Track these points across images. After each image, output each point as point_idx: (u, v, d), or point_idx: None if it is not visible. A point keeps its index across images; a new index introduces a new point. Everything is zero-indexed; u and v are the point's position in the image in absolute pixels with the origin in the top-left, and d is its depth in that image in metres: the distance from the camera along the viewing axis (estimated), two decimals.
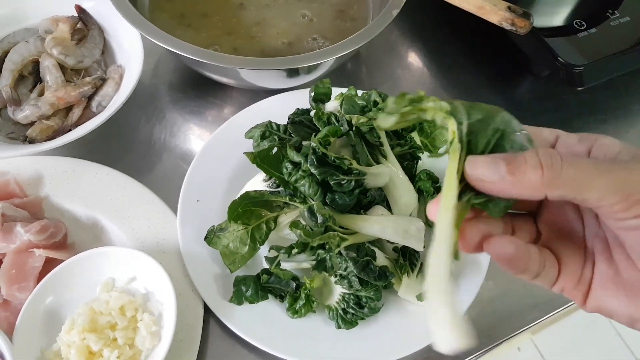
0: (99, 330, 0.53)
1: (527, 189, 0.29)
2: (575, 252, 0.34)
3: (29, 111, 0.66)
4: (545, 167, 0.28)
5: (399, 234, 0.54)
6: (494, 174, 0.29)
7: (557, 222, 0.35)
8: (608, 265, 0.32)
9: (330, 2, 0.78)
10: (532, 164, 0.29)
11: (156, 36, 0.62)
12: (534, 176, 0.28)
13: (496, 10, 0.62)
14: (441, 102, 0.32)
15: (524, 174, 0.29)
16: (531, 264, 0.32)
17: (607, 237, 0.33)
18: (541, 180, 0.28)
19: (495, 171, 0.29)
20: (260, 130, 0.62)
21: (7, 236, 0.57)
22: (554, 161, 0.28)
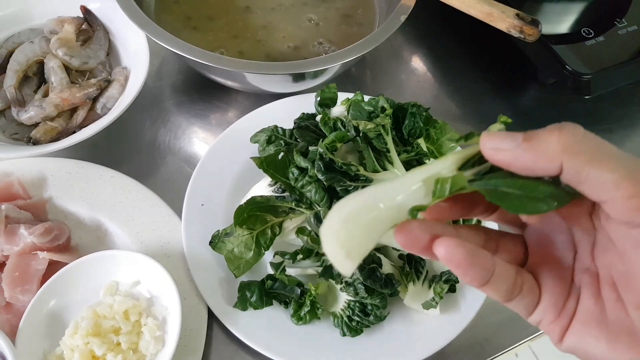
0: (103, 335, 0.52)
1: (542, 156, 0.26)
2: (561, 282, 0.31)
3: (33, 112, 0.65)
4: (564, 131, 0.26)
5: None
6: (509, 142, 0.27)
7: (546, 246, 0.33)
8: (594, 302, 0.30)
9: (336, 7, 0.78)
10: (551, 128, 0.27)
11: (162, 38, 0.62)
12: (551, 139, 0.26)
13: (504, 18, 0.62)
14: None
15: (540, 139, 0.27)
16: (498, 279, 0.29)
17: (600, 272, 0.30)
18: (557, 144, 0.26)
19: (511, 139, 0.27)
20: (266, 134, 0.62)
21: (11, 238, 0.57)
22: (575, 128, 0.27)
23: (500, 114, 0.31)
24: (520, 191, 0.27)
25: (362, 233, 0.27)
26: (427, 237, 0.29)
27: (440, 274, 0.56)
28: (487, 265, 0.28)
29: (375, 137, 0.58)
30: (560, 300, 0.31)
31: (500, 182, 0.28)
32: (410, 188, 0.29)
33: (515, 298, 0.30)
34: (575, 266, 0.31)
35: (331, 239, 0.27)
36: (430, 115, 0.62)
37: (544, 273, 0.31)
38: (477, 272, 0.28)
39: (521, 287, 0.30)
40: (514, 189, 0.27)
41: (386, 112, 0.58)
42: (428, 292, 0.56)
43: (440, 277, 0.56)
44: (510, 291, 0.30)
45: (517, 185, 0.28)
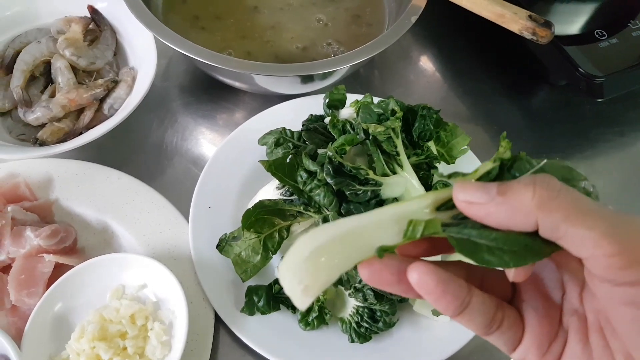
0: (109, 339, 0.52)
1: (517, 212, 0.25)
2: (547, 321, 0.30)
3: (40, 113, 0.65)
4: (539, 186, 0.25)
5: None
6: (482, 195, 0.26)
7: (534, 282, 0.31)
8: (582, 349, 0.29)
9: (345, 7, 0.77)
10: (525, 182, 0.26)
11: (170, 39, 0.61)
12: (525, 194, 0.25)
13: (517, 19, 0.61)
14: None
15: (514, 193, 0.26)
16: (474, 311, 0.28)
17: (587, 317, 0.29)
18: (532, 200, 0.25)
19: (484, 192, 0.26)
20: (274, 136, 0.61)
21: (17, 240, 0.57)
22: (551, 182, 0.26)
23: (504, 134, 0.29)
24: (493, 243, 0.26)
25: (324, 269, 0.27)
26: (393, 275, 0.28)
27: None
28: (461, 295, 0.27)
29: (385, 140, 0.57)
30: (545, 341, 0.29)
31: (474, 231, 0.27)
32: (381, 226, 0.28)
33: (493, 333, 0.29)
34: (563, 306, 0.30)
35: (290, 272, 0.26)
36: (440, 118, 0.61)
37: (530, 310, 0.30)
38: (450, 300, 0.27)
39: (501, 321, 0.29)
40: (487, 240, 0.26)
41: (397, 115, 0.57)
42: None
43: None
44: (488, 325, 0.29)
45: (491, 236, 0.26)
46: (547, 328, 0.29)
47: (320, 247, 0.27)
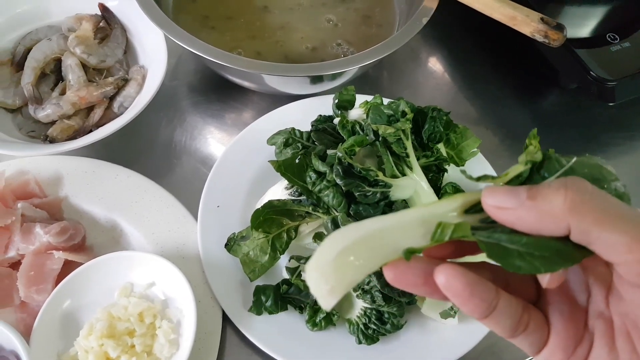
0: (117, 337, 0.52)
1: (548, 217, 0.25)
2: (573, 324, 0.29)
3: (50, 110, 0.65)
4: (571, 189, 0.25)
5: None
6: (512, 200, 0.26)
7: (559, 286, 0.30)
8: (608, 353, 0.28)
9: (355, 7, 0.77)
10: (556, 186, 0.25)
11: (180, 38, 0.61)
12: (556, 198, 0.25)
13: (529, 22, 0.60)
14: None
15: (545, 197, 0.25)
16: (501, 313, 0.27)
17: (614, 320, 0.28)
18: (564, 204, 0.25)
19: (514, 196, 0.26)
20: (283, 137, 0.61)
21: (27, 237, 0.57)
22: (582, 185, 0.25)
23: (534, 130, 0.29)
24: (524, 248, 0.26)
25: (351, 270, 0.26)
26: (419, 277, 0.28)
27: None
28: (489, 297, 0.27)
29: (395, 141, 0.57)
30: (570, 344, 0.29)
31: (504, 235, 0.26)
32: (408, 228, 0.27)
33: (519, 335, 0.29)
34: (589, 309, 0.30)
35: (317, 272, 0.26)
36: (450, 120, 0.61)
37: (555, 313, 0.30)
38: (477, 304, 0.27)
39: (527, 324, 0.29)
40: (518, 245, 0.26)
41: (407, 117, 0.57)
42: (446, 302, 0.54)
43: None
44: (514, 327, 0.28)
45: (521, 241, 0.26)
46: (573, 331, 0.29)
47: (348, 247, 0.26)
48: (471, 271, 0.27)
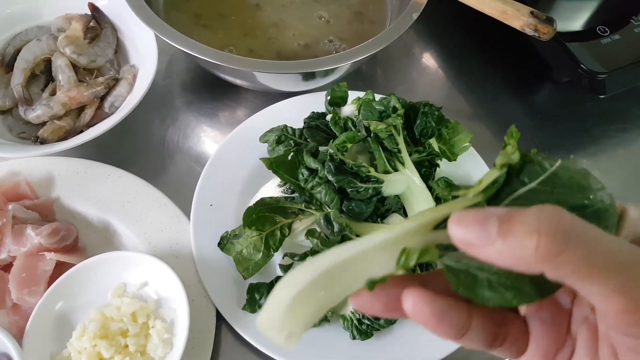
0: (110, 337, 0.52)
1: (520, 261, 0.22)
2: (554, 331, 0.28)
3: (41, 111, 0.65)
4: (544, 234, 0.21)
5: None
6: (481, 236, 0.22)
7: None
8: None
9: (347, 4, 0.77)
10: (528, 228, 0.21)
11: (171, 37, 0.61)
12: (529, 244, 0.21)
13: (519, 16, 0.60)
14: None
15: (516, 237, 0.22)
16: (474, 333, 0.26)
17: (599, 327, 0.27)
18: (536, 253, 0.21)
19: (484, 231, 0.22)
20: (276, 134, 0.61)
21: (18, 239, 0.57)
22: (559, 227, 0.21)
23: (512, 127, 0.27)
24: (495, 277, 0.24)
25: (308, 313, 0.25)
26: (385, 305, 0.26)
27: None
28: (459, 322, 0.25)
29: (387, 137, 0.57)
30: (550, 350, 0.28)
31: (474, 262, 0.24)
32: (370, 256, 0.25)
33: (496, 349, 0.28)
34: (573, 311, 0.28)
35: (270, 322, 0.25)
36: (442, 115, 0.61)
37: (536, 321, 0.28)
38: (447, 329, 0.25)
39: (504, 337, 0.27)
40: (488, 274, 0.24)
41: (398, 112, 0.57)
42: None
43: None
44: (489, 343, 0.27)
45: (492, 269, 0.24)
46: (554, 337, 0.28)
47: (302, 292, 0.24)
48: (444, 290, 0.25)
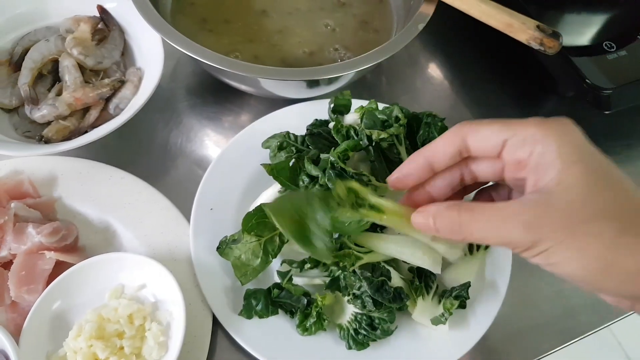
0: (106, 338, 0.52)
1: (447, 235, 0.38)
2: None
3: (46, 111, 0.65)
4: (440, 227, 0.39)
5: (416, 255, 0.52)
6: (426, 225, 0.39)
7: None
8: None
9: (353, 13, 0.77)
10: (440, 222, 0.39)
11: (177, 41, 0.61)
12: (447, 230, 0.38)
13: (525, 29, 0.60)
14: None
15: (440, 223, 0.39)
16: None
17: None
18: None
19: (426, 222, 0.39)
20: (278, 140, 0.61)
21: (19, 237, 0.57)
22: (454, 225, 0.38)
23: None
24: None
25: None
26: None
27: (450, 289, 0.55)
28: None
29: (388, 147, 0.57)
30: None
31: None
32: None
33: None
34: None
35: None
36: (445, 126, 0.61)
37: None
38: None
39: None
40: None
41: (400, 122, 0.57)
42: (437, 308, 0.54)
43: (451, 292, 0.54)
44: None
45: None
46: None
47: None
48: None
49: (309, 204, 0.44)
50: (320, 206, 0.44)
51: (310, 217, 0.44)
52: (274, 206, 0.46)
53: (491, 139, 0.38)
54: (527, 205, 0.35)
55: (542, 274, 0.66)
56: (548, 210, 0.34)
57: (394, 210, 0.44)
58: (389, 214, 0.44)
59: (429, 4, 0.67)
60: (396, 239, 0.53)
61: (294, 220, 0.44)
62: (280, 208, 0.45)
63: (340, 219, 0.43)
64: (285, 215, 0.44)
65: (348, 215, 0.43)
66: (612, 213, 0.33)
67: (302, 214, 0.44)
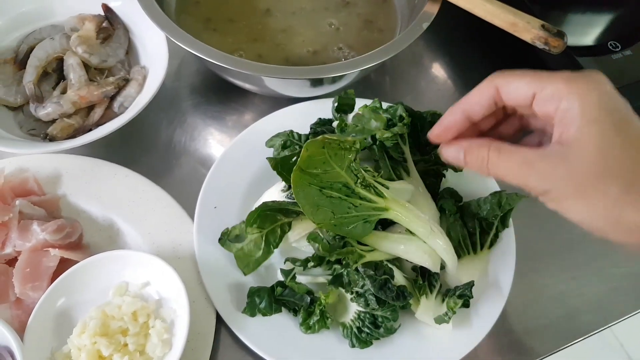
0: (110, 335, 0.52)
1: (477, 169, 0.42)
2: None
3: (51, 109, 0.65)
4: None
5: (419, 254, 0.52)
6: (456, 158, 0.43)
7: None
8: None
9: (357, 12, 0.78)
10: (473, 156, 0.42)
11: (182, 39, 0.62)
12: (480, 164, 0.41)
13: (529, 28, 0.60)
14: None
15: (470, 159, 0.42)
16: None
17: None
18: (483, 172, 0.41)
19: (456, 155, 0.43)
20: (282, 139, 0.62)
21: (24, 234, 0.57)
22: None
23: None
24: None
25: None
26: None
27: (454, 288, 0.55)
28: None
29: (393, 146, 0.57)
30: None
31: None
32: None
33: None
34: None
35: None
36: None
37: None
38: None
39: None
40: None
41: (404, 122, 0.57)
42: (441, 307, 0.54)
43: (454, 291, 0.54)
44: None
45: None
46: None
47: None
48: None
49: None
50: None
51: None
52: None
53: (521, 91, 0.40)
54: (547, 156, 0.38)
55: (545, 275, 0.66)
56: (563, 164, 0.37)
57: (397, 201, 0.48)
58: (392, 203, 0.49)
59: (433, 3, 0.67)
60: (399, 238, 0.53)
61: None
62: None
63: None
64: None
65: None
66: (619, 171, 0.36)
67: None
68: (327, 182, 0.51)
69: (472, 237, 0.59)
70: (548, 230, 0.68)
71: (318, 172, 0.50)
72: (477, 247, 0.59)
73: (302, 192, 0.51)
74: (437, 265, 0.53)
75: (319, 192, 0.51)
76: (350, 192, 0.51)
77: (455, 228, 0.58)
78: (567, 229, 0.69)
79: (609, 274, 0.66)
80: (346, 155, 0.50)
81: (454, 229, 0.58)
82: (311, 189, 0.51)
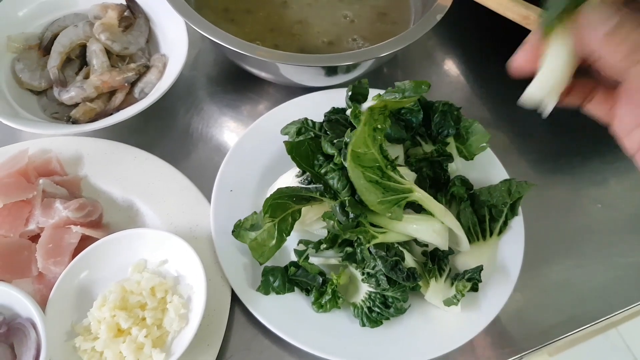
0: (129, 309, 0.54)
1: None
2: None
3: (74, 93, 0.68)
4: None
5: (429, 233, 0.54)
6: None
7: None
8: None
9: (371, 4, 0.79)
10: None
11: (202, 27, 0.63)
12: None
13: None
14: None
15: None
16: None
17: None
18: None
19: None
20: (296, 126, 0.63)
21: (47, 211, 0.59)
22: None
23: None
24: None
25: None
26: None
27: (463, 272, 0.56)
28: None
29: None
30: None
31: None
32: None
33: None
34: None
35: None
36: (461, 115, 0.62)
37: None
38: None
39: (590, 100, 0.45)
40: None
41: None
42: (450, 290, 0.56)
43: (464, 275, 0.56)
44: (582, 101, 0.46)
45: None
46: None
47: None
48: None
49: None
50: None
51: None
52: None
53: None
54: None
55: (552, 263, 0.67)
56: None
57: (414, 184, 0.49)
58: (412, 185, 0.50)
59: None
60: (409, 218, 0.54)
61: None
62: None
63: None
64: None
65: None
66: None
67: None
68: (367, 166, 0.52)
69: (482, 224, 0.60)
70: (555, 220, 0.70)
71: (360, 151, 0.52)
72: (486, 233, 0.60)
73: (354, 173, 0.52)
74: (446, 243, 0.55)
75: (362, 175, 0.52)
76: (382, 175, 0.53)
77: (465, 214, 0.59)
78: (574, 219, 0.70)
79: (615, 263, 0.67)
80: (377, 136, 0.52)
81: (464, 215, 0.59)
82: (357, 170, 0.52)
